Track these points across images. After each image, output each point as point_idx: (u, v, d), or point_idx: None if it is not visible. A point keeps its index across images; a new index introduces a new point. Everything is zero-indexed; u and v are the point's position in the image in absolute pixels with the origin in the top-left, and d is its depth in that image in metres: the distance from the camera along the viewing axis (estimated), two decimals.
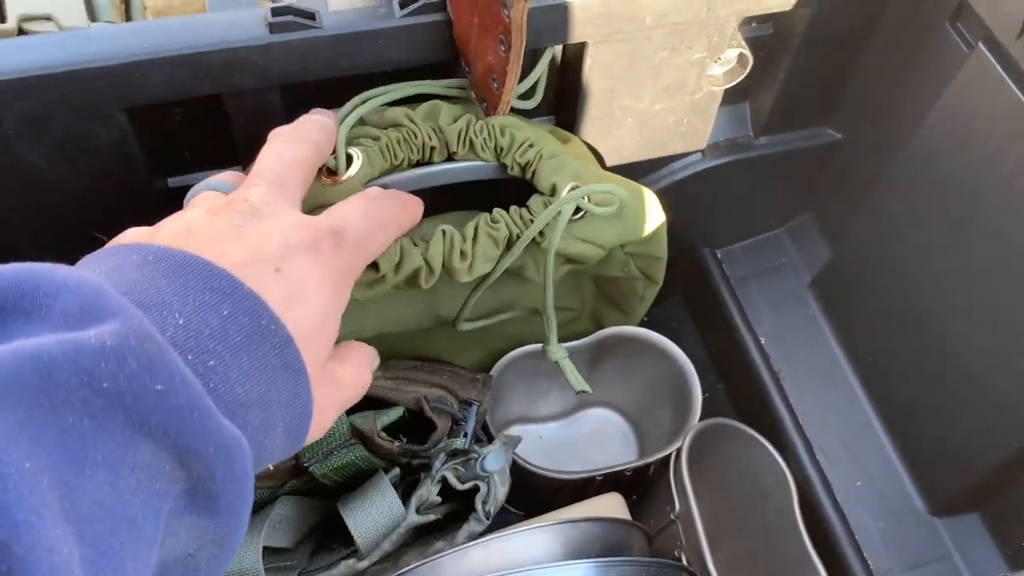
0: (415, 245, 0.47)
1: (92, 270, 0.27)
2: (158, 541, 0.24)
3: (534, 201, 0.51)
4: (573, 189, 0.49)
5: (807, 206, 0.75)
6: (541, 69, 0.53)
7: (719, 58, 0.58)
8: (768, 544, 0.64)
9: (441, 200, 0.53)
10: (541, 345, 0.66)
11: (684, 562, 0.60)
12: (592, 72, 0.55)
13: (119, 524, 0.22)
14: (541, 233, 0.50)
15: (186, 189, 0.56)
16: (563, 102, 0.58)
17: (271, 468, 0.48)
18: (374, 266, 0.45)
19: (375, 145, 0.48)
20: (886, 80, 0.62)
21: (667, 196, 0.66)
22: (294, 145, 0.39)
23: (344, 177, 0.46)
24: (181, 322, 0.25)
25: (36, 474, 0.20)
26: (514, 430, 0.74)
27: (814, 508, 0.63)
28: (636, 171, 0.64)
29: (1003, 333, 0.55)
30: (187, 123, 0.53)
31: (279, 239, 0.32)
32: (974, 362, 0.58)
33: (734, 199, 0.70)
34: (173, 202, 0.54)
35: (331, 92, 0.51)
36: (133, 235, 0.33)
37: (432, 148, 0.50)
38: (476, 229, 0.49)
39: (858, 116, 0.66)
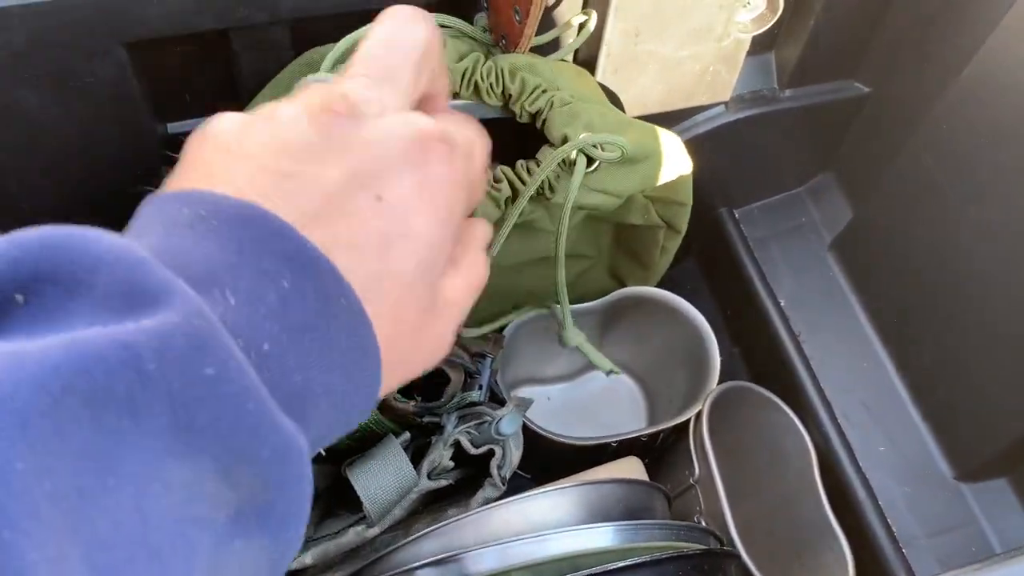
0: None
1: (139, 231, 0.23)
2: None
3: (544, 153, 0.48)
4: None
5: (829, 164, 0.73)
6: None
7: (748, 2, 0.55)
8: (787, 509, 0.62)
9: None
10: (551, 309, 0.64)
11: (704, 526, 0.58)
12: (617, 13, 0.52)
13: (138, 552, 0.18)
14: (552, 188, 0.47)
15: (186, 135, 0.54)
16: (587, 45, 0.56)
17: None
18: None
19: None
20: (919, 29, 0.60)
21: (688, 150, 0.64)
22: (412, 27, 0.30)
23: None
24: (232, 302, 0.21)
25: (29, 476, 0.16)
26: (522, 391, 0.72)
27: (836, 473, 0.61)
28: (658, 123, 0.61)
29: None
30: (189, 63, 0.50)
31: (380, 151, 0.25)
32: (1007, 320, 0.56)
33: (755, 155, 0.68)
34: (172, 149, 0.52)
35: (344, 29, 0.48)
36: (217, 132, 0.25)
37: None
38: None
39: (887, 68, 0.63)
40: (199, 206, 0.22)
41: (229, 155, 0.24)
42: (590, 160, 0.46)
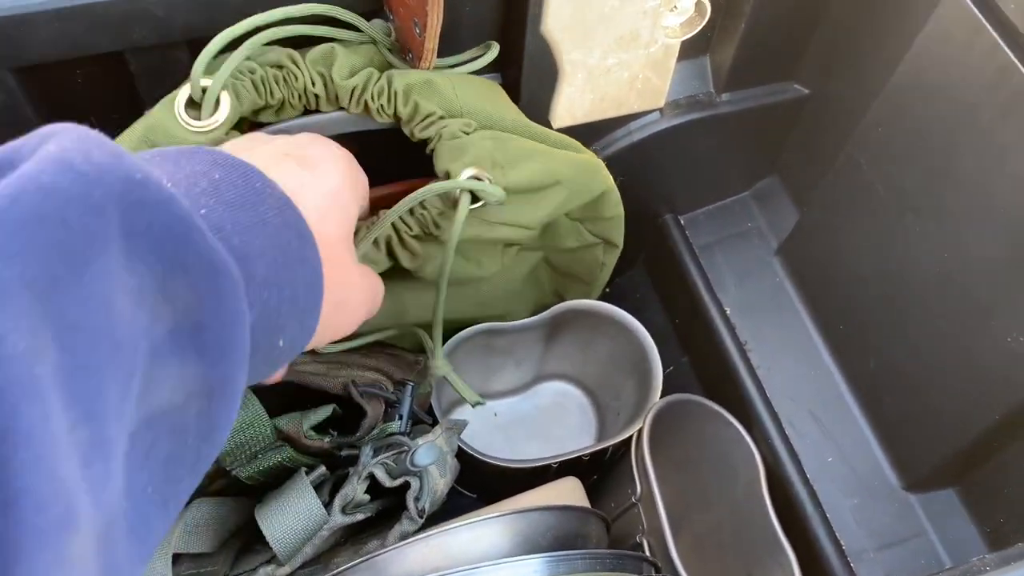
0: None
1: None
2: (136, 381, 0.22)
3: (428, 187, 0.46)
4: (472, 178, 0.44)
5: (773, 167, 0.71)
6: None
7: (675, 7, 0.53)
8: (735, 523, 0.61)
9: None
10: (491, 324, 0.62)
11: (645, 546, 0.57)
12: (537, 23, 0.50)
13: (101, 340, 0.21)
14: (437, 226, 0.45)
15: None
16: (509, 58, 0.54)
17: None
18: None
19: (246, 78, 0.42)
20: (854, 29, 0.58)
21: (625, 159, 0.62)
22: None
23: (208, 121, 0.41)
24: (167, 183, 0.24)
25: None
26: (465, 409, 0.70)
27: (783, 485, 0.59)
28: (590, 133, 0.60)
29: (981, 297, 0.52)
30: (89, 85, 0.48)
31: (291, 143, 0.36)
32: (950, 329, 0.54)
33: (696, 161, 0.66)
34: None
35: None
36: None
37: (316, 96, 0.44)
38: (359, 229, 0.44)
39: (825, 69, 0.62)
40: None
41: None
42: (477, 198, 0.44)
